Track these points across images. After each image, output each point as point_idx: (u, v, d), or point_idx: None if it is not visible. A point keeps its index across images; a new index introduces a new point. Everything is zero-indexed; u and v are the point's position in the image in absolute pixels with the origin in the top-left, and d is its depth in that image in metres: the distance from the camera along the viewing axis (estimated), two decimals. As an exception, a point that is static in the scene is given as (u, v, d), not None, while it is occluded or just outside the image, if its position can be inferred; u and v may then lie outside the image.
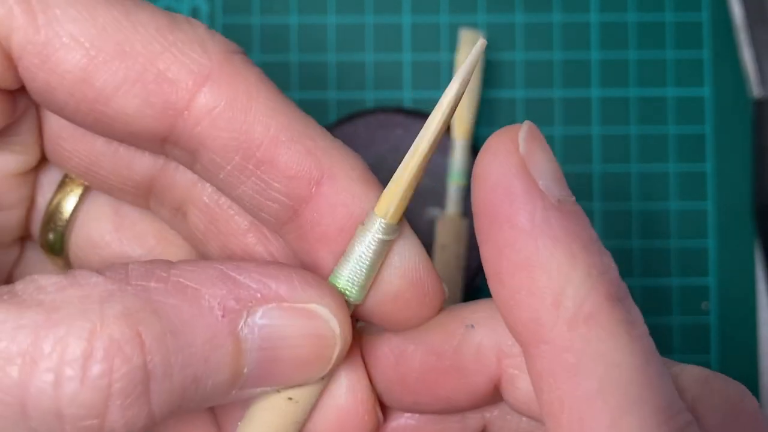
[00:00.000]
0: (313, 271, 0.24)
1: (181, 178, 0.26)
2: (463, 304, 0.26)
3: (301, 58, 0.49)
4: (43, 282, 0.21)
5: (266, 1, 0.49)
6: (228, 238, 0.26)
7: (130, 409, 0.20)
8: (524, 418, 0.26)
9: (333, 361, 0.24)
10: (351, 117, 0.47)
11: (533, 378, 0.21)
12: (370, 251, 0.24)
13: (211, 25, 0.49)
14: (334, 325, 0.23)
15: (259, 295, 0.22)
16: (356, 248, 0.24)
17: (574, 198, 0.22)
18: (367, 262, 0.24)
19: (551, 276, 0.21)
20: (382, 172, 0.25)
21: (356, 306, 0.25)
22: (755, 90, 0.48)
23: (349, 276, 0.24)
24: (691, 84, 0.49)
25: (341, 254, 0.24)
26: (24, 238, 0.29)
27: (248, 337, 0.22)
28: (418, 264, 0.24)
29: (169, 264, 0.22)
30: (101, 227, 0.28)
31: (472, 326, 0.25)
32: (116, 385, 0.20)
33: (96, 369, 0.20)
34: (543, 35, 0.49)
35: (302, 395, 0.24)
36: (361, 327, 0.26)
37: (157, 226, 0.28)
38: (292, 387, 0.24)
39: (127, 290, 0.21)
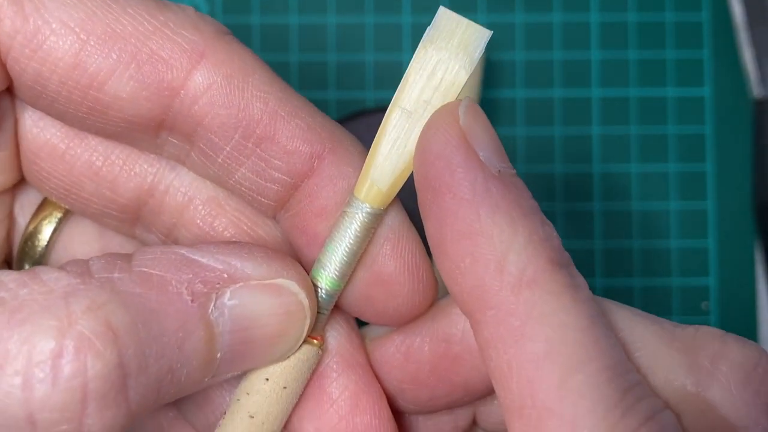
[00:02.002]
0: (306, 251, 0.24)
1: (170, 200, 0.25)
2: None
3: (301, 58, 0.49)
4: (3, 278, 0.20)
5: (266, 1, 0.49)
6: None
7: (108, 409, 0.19)
8: None
9: (304, 334, 0.23)
10: (351, 117, 0.47)
11: (481, 346, 0.21)
12: (350, 237, 0.23)
13: (211, 25, 0.49)
14: (302, 298, 0.23)
15: (225, 276, 0.22)
16: (335, 235, 0.23)
17: (514, 171, 0.22)
18: (347, 249, 0.23)
19: (494, 243, 0.21)
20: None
21: (342, 294, 0.24)
22: (755, 90, 0.48)
23: (330, 263, 0.23)
24: (691, 84, 0.49)
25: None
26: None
27: (219, 320, 0.21)
28: (413, 249, 0.24)
29: (128, 255, 0.22)
30: (87, 249, 0.27)
31: None
32: (91, 385, 0.19)
33: (68, 369, 0.19)
34: (543, 35, 0.49)
35: (274, 373, 0.23)
36: (363, 332, 0.26)
37: None
38: (263, 366, 0.23)
39: (91, 283, 0.20)
